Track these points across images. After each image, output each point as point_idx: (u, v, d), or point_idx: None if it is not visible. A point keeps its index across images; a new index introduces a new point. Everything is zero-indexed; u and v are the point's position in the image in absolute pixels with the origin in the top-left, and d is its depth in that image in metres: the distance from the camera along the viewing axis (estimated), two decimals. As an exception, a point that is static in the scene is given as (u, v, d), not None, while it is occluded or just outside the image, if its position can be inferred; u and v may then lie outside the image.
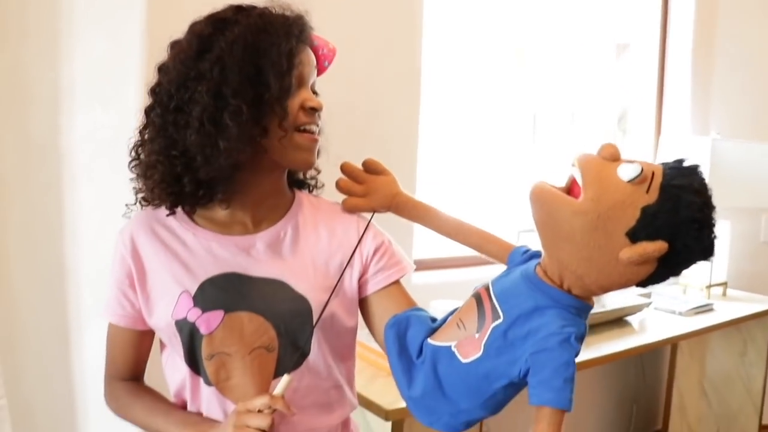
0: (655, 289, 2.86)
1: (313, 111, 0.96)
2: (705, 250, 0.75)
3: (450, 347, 0.85)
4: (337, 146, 1.17)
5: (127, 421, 1.06)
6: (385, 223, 1.13)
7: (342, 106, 1.92)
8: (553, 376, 0.74)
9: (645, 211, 0.73)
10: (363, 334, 1.74)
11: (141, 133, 0.96)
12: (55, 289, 1.63)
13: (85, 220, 1.61)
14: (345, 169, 1.07)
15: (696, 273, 2.89)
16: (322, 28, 1.81)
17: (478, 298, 0.86)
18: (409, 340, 0.92)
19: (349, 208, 1.06)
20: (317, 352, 0.99)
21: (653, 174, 0.75)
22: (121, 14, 1.54)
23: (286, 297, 0.96)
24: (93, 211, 1.59)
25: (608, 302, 2.43)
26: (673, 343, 2.69)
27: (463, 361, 0.83)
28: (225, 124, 0.88)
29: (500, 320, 0.81)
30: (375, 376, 1.62)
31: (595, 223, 0.74)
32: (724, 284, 2.96)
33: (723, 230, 2.94)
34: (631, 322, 2.38)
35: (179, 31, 1.01)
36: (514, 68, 2.84)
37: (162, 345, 1.05)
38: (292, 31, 0.93)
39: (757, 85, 3.22)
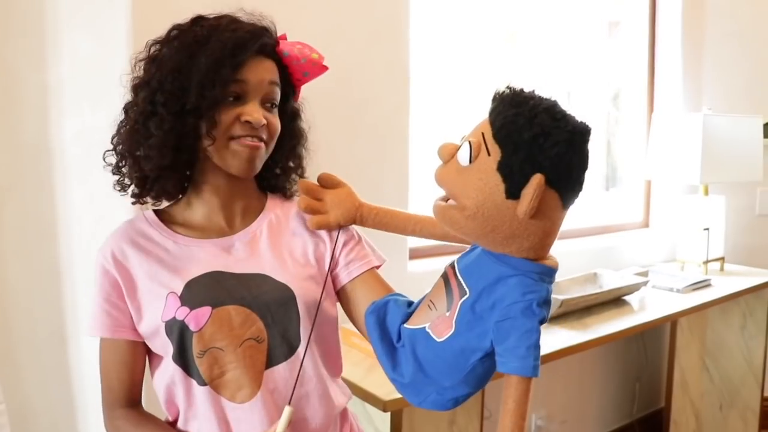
0: (652, 267, 2.87)
1: (248, 124, 0.97)
2: (569, 144, 0.73)
3: (424, 329, 0.87)
4: (328, 137, 1.18)
5: None
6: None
7: (330, 97, 1.91)
8: (517, 344, 0.76)
9: (500, 169, 0.74)
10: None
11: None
12: (50, 291, 1.63)
13: (78, 221, 1.61)
14: (303, 187, 1.08)
15: (693, 249, 2.90)
16: (308, 18, 1.80)
17: (445, 277, 0.88)
18: (389, 325, 0.93)
19: (316, 227, 1.06)
20: (305, 341, 1.01)
21: (483, 135, 0.76)
22: (106, 14, 1.53)
23: (268, 287, 0.99)
24: (86, 212, 1.59)
25: (605, 283, 2.45)
26: (673, 320, 2.69)
27: (438, 340, 0.85)
28: (150, 132, 0.94)
29: (467, 295, 0.82)
30: (373, 368, 1.63)
31: (481, 212, 0.76)
32: (722, 259, 2.97)
33: (718, 205, 2.95)
34: (630, 301, 2.39)
35: (164, 30, 1.02)
36: (507, 51, 2.83)
37: (151, 360, 1.06)
38: (227, 44, 0.94)
39: (748, 60, 3.21)
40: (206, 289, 0.98)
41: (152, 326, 0.98)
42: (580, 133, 0.74)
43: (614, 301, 2.35)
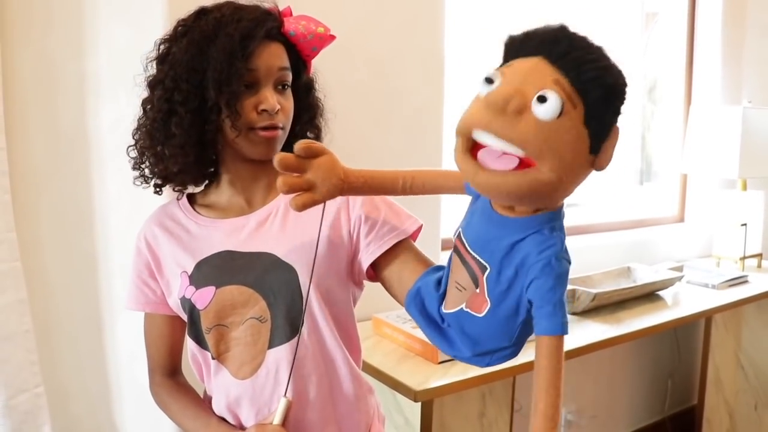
0: (687, 262, 2.82)
1: (265, 112, 0.98)
2: (607, 72, 0.78)
3: (462, 309, 0.86)
4: (361, 128, 1.18)
5: (166, 415, 1.14)
6: (409, 201, 1.11)
7: (365, 88, 1.92)
8: (543, 304, 0.75)
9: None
10: (393, 316, 1.75)
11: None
12: (87, 277, 1.65)
13: (115, 210, 1.63)
14: (281, 163, 0.86)
15: (729, 245, 2.85)
16: (343, 8, 1.80)
17: (458, 253, 0.85)
18: (430, 310, 0.93)
19: (300, 208, 0.87)
20: (313, 321, 1.01)
21: (568, 89, 0.74)
22: (143, 3, 1.55)
23: (272, 266, 1.01)
24: (122, 199, 1.61)
25: (639, 277, 2.42)
26: (707, 316, 2.65)
27: (480, 316, 0.84)
28: (171, 131, 0.97)
29: (488, 270, 0.81)
30: (404, 357, 1.63)
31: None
32: (759, 255, 2.91)
33: (757, 200, 2.89)
34: (664, 296, 2.35)
35: (200, 19, 1.02)
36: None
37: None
38: (234, 37, 0.95)
39: (791, 51, 3.13)
40: (213, 269, 1.02)
41: (176, 302, 1.06)
42: (622, 82, 0.79)
43: (648, 295, 2.31)
